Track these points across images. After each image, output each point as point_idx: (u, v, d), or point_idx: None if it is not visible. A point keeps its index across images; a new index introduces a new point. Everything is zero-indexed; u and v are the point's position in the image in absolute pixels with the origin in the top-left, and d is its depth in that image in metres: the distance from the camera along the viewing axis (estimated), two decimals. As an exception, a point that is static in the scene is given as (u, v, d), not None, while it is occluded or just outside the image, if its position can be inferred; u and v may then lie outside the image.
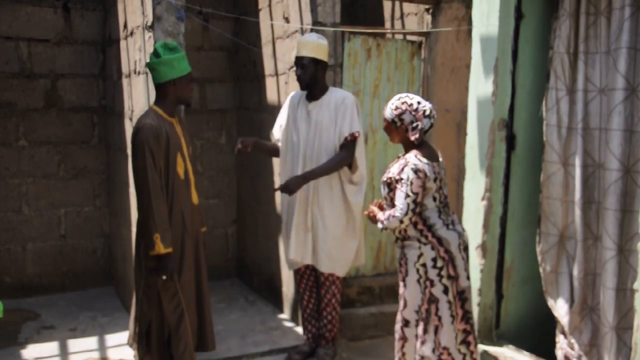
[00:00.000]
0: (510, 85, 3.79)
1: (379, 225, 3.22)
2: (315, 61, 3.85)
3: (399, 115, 3.18)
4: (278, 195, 4.64)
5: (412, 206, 3.08)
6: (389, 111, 3.22)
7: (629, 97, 3.17)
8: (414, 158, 3.13)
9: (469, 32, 4.31)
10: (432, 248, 3.14)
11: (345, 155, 3.87)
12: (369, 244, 4.87)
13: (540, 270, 3.59)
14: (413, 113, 3.16)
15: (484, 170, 3.88)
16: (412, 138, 3.16)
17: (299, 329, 4.60)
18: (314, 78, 3.88)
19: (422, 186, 3.08)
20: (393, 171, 3.19)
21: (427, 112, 3.16)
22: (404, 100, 3.20)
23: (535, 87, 3.81)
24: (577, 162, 3.41)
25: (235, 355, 4.22)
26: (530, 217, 3.83)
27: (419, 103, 3.19)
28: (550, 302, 3.55)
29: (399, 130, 3.22)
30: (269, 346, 4.37)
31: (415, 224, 3.16)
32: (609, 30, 3.28)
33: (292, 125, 4.03)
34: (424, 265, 3.14)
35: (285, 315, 4.96)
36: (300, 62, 3.87)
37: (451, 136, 4.84)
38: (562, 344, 3.51)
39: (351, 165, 3.91)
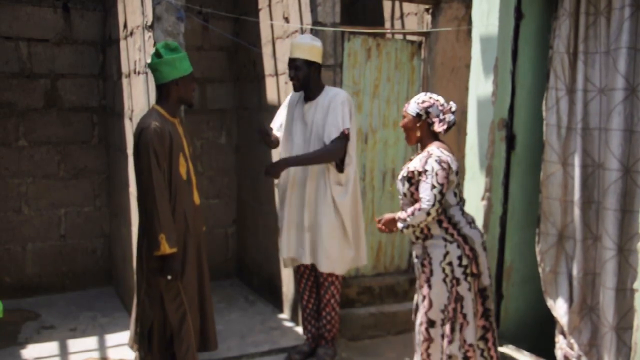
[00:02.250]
0: (510, 85, 3.79)
1: (400, 225, 3.18)
2: (308, 63, 3.84)
3: (426, 108, 3.22)
4: (277, 194, 4.64)
5: (438, 197, 3.07)
6: (414, 105, 3.24)
7: (629, 97, 3.17)
8: (436, 150, 3.15)
9: (469, 32, 4.31)
10: (458, 246, 3.13)
11: (333, 148, 3.75)
12: (369, 243, 4.86)
13: (540, 270, 3.59)
14: (440, 107, 3.22)
15: (483, 170, 3.88)
16: (440, 129, 3.20)
17: (299, 329, 4.60)
18: (307, 80, 3.87)
19: (446, 177, 3.09)
20: (415, 165, 3.17)
21: (453, 109, 3.23)
22: (430, 96, 3.27)
23: (535, 87, 3.82)
24: (577, 162, 3.41)
25: (235, 355, 4.22)
26: (530, 217, 3.83)
27: (444, 100, 3.26)
28: (550, 302, 3.55)
29: (422, 125, 3.23)
30: (269, 346, 4.37)
31: (440, 222, 3.15)
32: (608, 30, 3.28)
33: (289, 126, 4.04)
34: (450, 264, 3.12)
35: (285, 315, 4.96)
36: (293, 63, 3.86)
37: (451, 136, 4.84)
38: (561, 344, 3.51)
39: (342, 163, 3.85)
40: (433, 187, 3.07)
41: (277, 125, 4.15)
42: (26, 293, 5.39)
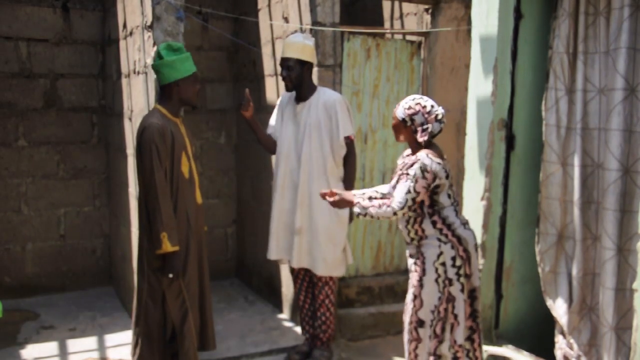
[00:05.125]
0: (510, 85, 3.79)
1: (356, 210, 3.16)
2: (301, 62, 3.83)
3: (411, 116, 3.16)
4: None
5: (409, 203, 3.06)
6: (401, 110, 3.19)
7: (628, 97, 3.17)
8: (425, 157, 3.09)
9: (469, 32, 4.31)
10: (452, 247, 3.12)
11: (354, 157, 3.97)
12: (368, 244, 4.87)
13: (539, 270, 3.59)
14: (425, 115, 3.15)
15: (483, 170, 3.88)
16: (420, 140, 3.15)
17: (299, 329, 4.59)
18: (299, 79, 3.85)
19: (426, 187, 3.06)
20: (402, 170, 3.18)
21: (439, 117, 3.15)
22: (418, 102, 3.18)
23: (534, 87, 3.82)
24: (576, 162, 3.41)
25: (234, 355, 4.22)
26: (530, 217, 3.83)
27: (432, 106, 3.17)
28: (549, 302, 3.55)
29: (407, 130, 3.19)
30: (269, 346, 4.37)
31: (434, 223, 3.14)
32: (608, 30, 3.28)
33: (280, 127, 4.03)
34: (443, 264, 3.12)
35: (284, 315, 4.95)
36: (285, 63, 3.84)
37: (450, 136, 4.84)
38: (561, 344, 3.51)
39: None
40: (409, 191, 3.06)
41: (272, 129, 4.12)
42: (26, 293, 5.39)
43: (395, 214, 3.08)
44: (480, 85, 3.89)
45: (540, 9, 3.77)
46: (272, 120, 4.13)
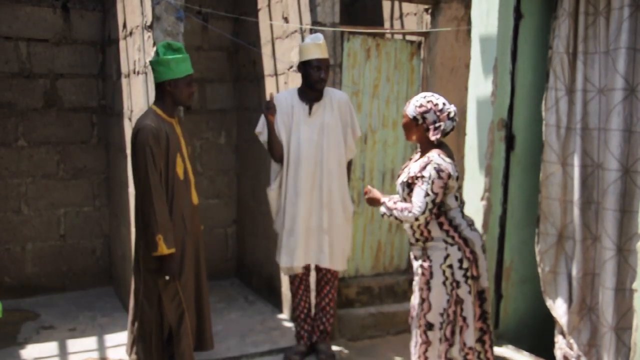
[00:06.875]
0: (510, 85, 3.80)
1: (382, 209, 3.16)
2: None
3: (423, 114, 3.11)
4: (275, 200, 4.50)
5: (430, 206, 3.01)
6: (412, 108, 3.14)
7: (628, 97, 3.17)
8: (437, 157, 3.06)
9: (468, 32, 4.31)
10: (459, 249, 3.08)
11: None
12: (368, 244, 4.87)
13: (539, 270, 3.59)
14: (437, 113, 3.10)
15: (483, 170, 3.88)
16: (433, 138, 3.11)
17: (299, 329, 4.59)
18: None
19: (443, 187, 3.02)
20: (414, 170, 3.11)
21: (452, 115, 3.10)
22: (430, 99, 3.13)
23: (534, 87, 3.82)
24: (576, 162, 3.41)
25: (234, 355, 4.22)
26: (530, 217, 3.84)
27: (444, 104, 3.12)
28: (549, 302, 3.55)
29: (418, 128, 3.15)
30: (269, 346, 4.37)
31: (440, 225, 3.10)
32: (608, 30, 3.28)
33: (290, 130, 3.90)
34: (450, 266, 3.08)
35: (284, 315, 4.95)
36: (324, 64, 3.83)
37: (451, 136, 4.82)
38: (560, 344, 3.52)
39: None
40: (427, 194, 3.01)
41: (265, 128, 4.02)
42: (26, 293, 5.39)
43: (417, 219, 3.05)
44: (480, 85, 3.89)
45: (540, 9, 3.77)
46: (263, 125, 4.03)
